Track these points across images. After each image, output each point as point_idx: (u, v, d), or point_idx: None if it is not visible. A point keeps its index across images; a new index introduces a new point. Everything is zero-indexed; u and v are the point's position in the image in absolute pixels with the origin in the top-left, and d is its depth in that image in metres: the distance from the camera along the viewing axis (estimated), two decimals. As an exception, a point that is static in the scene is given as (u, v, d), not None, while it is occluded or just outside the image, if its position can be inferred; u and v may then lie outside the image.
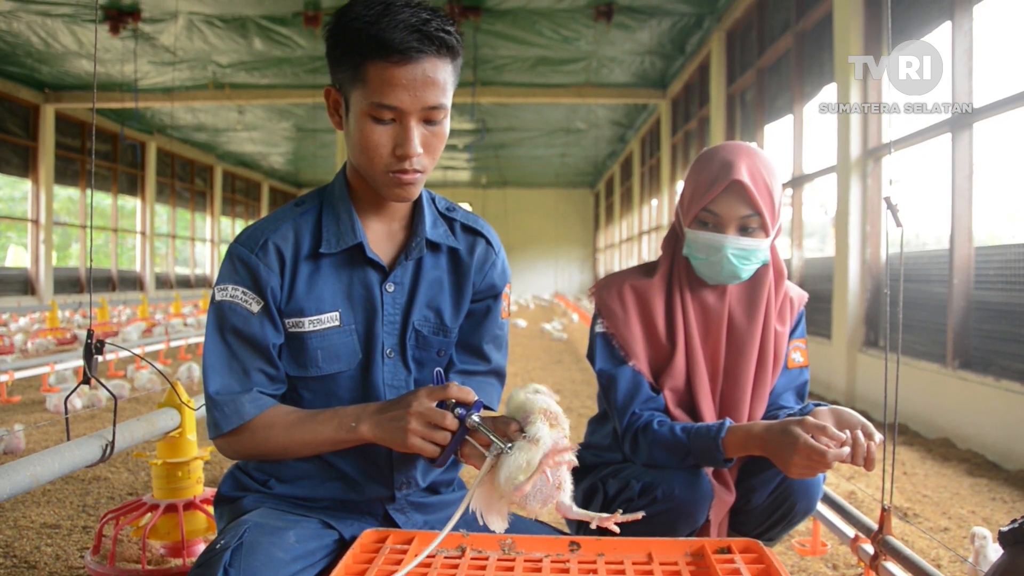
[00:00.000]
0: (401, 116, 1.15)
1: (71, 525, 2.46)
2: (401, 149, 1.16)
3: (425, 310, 1.32)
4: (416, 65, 1.12)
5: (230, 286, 1.23)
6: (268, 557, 1.08)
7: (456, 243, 1.34)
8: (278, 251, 1.24)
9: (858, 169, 5.22)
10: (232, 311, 1.22)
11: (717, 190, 1.46)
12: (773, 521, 1.55)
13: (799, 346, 1.65)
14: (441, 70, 1.15)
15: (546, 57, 10.53)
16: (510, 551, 1.16)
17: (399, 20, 1.10)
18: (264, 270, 1.22)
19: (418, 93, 1.13)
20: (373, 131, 1.16)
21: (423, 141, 1.18)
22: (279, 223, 1.26)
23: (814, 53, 6.38)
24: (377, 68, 1.12)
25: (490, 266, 1.37)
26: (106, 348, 1.61)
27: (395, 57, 1.10)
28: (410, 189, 1.22)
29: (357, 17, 1.12)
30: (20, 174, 12.63)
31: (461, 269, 1.35)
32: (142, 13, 8.95)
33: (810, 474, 1.30)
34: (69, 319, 9.95)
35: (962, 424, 3.91)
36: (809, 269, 6.66)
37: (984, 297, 4.00)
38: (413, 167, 1.18)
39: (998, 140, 4.31)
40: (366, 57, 1.12)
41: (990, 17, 4.13)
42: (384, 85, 1.12)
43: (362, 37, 1.12)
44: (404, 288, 1.30)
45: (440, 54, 1.14)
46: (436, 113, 1.17)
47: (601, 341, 1.57)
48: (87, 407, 4.36)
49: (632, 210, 16.12)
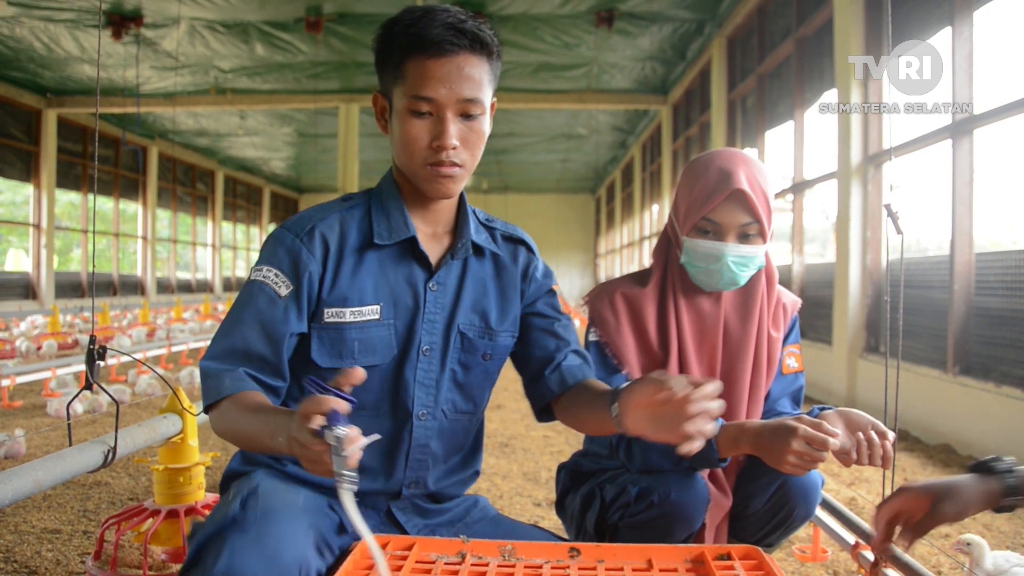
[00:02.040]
0: (438, 109, 1.19)
1: (72, 530, 2.46)
2: (438, 141, 1.19)
3: (470, 313, 1.34)
4: (451, 59, 1.18)
5: (265, 267, 1.24)
6: (284, 500, 1.07)
7: (498, 249, 1.39)
8: (323, 240, 1.26)
9: (859, 175, 5.23)
10: (261, 290, 1.23)
11: (718, 199, 1.46)
12: (772, 527, 1.55)
13: (793, 351, 1.66)
14: (476, 66, 1.21)
15: (547, 63, 10.55)
16: (510, 557, 1.17)
17: (437, 19, 1.18)
18: (306, 255, 1.24)
19: (453, 86, 1.18)
20: (412, 125, 1.20)
21: (460, 136, 1.21)
22: (327, 213, 1.29)
23: (815, 59, 6.40)
24: (415, 64, 1.18)
25: (533, 269, 1.43)
26: (108, 353, 1.61)
27: (431, 50, 1.17)
28: (449, 184, 1.24)
29: (399, 20, 1.21)
30: (22, 178, 12.65)
31: (505, 274, 1.39)
32: (144, 18, 8.98)
33: (801, 470, 1.30)
34: (71, 323, 9.96)
35: (963, 430, 3.91)
36: (810, 275, 6.67)
37: (985, 303, 4.00)
38: (451, 159, 1.21)
39: (999, 146, 4.31)
40: (406, 55, 1.19)
41: (990, 23, 4.14)
42: (421, 79, 1.18)
43: (402, 38, 1.19)
44: (448, 289, 1.32)
45: (475, 50, 1.20)
46: (472, 107, 1.21)
47: (594, 350, 1.58)
48: (88, 412, 4.36)
49: (633, 215, 16.12)
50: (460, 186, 1.28)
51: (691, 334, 1.57)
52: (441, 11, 1.20)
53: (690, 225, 1.51)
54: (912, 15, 4.73)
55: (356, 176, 12.95)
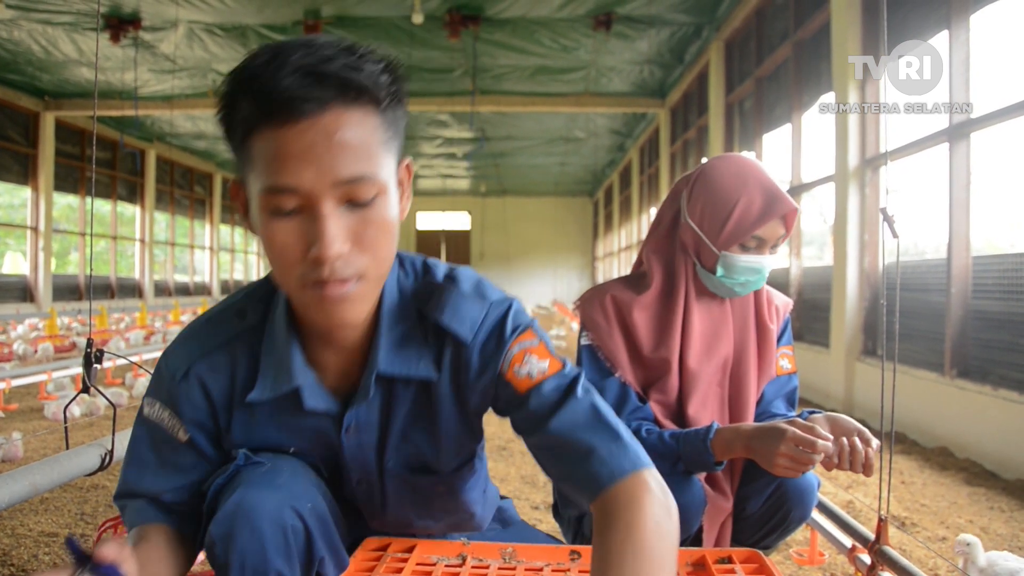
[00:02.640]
0: (307, 200, 0.82)
1: (69, 533, 2.46)
2: (315, 250, 0.82)
3: (401, 451, 1.10)
4: (313, 122, 0.80)
5: (158, 404, 1.05)
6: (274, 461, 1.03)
7: (423, 371, 1.03)
8: (203, 388, 1.03)
9: (856, 178, 5.24)
10: (157, 430, 1.05)
11: (770, 219, 1.47)
12: (769, 528, 1.56)
13: (787, 353, 1.67)
14: (357, 125, 0.82)
15: (545, 66, 10.56)
16: (511, 560, 1.17)
17: (287, 63, 0.79)
18: (185, 403, 1.03)
19: (323, 162, 0.80)
20: (276, 230, 0.84)
21: (350, 234, 0.85)
22: (211, 347, 1.03)
23: (812, 62, 6.41)
24: (263, 138, 0.81)
25: (467, 362, 1.03)
26: (105, 356, 1.61)
27: (281, 114, 0.79)
28: (342, 308, 0.88)
29: (241, 70, 0.83)
30: (20, 181, 12.64)
31: (436, 391, 1.06)
32: (143, 22, 8.98)
33: (794, 472, 1.31)
34: (68, 326, 9.94)
35: (960, 433, 3.91)
36: (807, 278, 6.67)
37: (982, 306, 4.01)
38: (338, 274, 0.85)
39: (996, 150, 4.32)
40: (250, 125, 0.82)
41: (987, 27, 4.15)
42: (274, 160, 0.81)
43: (242, 98, 0.82)
44: (369, 427, 1.07)
45: (350, 100, 0.82)
46: (360, 189, 0.83)
47: (587, 353, 1.58)
48: (86, 415, 4.36)
49: (631, 218, 16.13)
50: (365, 307, 0.92)
51: (701, 340, 1.57)
52: (299, 48, 0.81)
53: (736, 243, 1.49)
54: (909, 18, 4.74)
55: (354, 179, 12.93)
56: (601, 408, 1.00)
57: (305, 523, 1.01)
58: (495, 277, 8.54)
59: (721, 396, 1.59)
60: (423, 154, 17.75)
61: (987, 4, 4.06)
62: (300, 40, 0.83)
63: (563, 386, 1.01)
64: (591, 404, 1.00)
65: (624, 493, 0.91)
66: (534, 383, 1.00)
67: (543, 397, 1.00)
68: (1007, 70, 4.27)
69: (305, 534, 1.01)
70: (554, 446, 0.98)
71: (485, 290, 1.05)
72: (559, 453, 0.98)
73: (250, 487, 0.99)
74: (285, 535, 0.98)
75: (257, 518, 0.96)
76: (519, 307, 1.06)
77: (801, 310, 6.59)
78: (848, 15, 5.28)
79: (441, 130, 14.94)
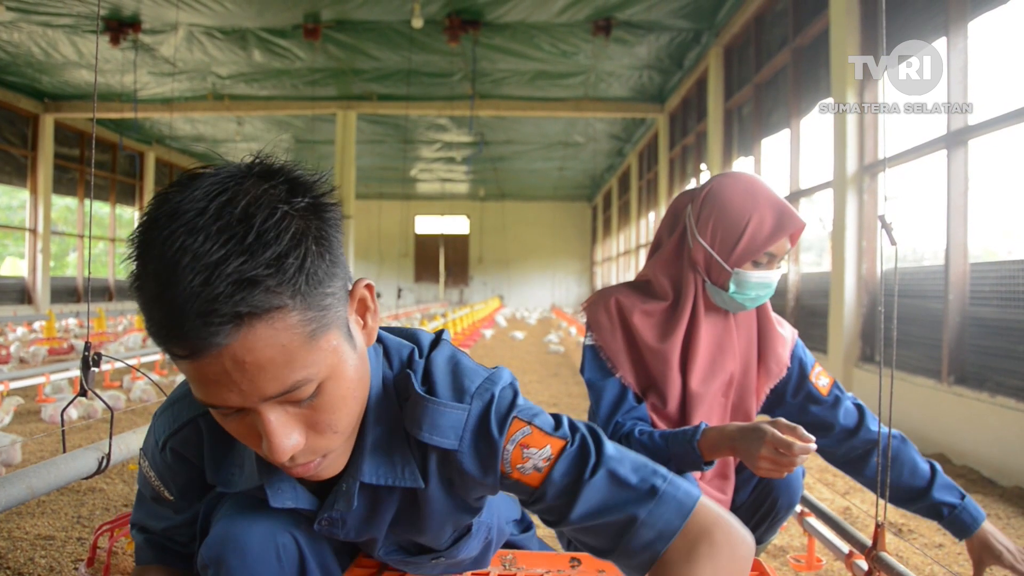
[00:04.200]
0: (245, 407, 0.77)
1: (65, 537, 2.45)
2: (265, 448, 0.79)
3: (390, 538, 1.07)
4: (219, 355, 0.71)
5: (146, 463, 1.06)
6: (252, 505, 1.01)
7: (408, 480, 0.96)
8: (182, 457, 1.02)
9: (854, 185, 5.25)
10: (148, 486, 1.08)
11: (782, 236, 1.50)
12: (758, 519, 1.59)
13: (819, 371, 1.69)
14: (266, 342, 0.72)
15: (545, 71, 10.59)
16: (511, 567, 1.17)
17: (176, 291, 0.69)
18: (167, 470, 1.03)
19: (243, 387, 0.74)
20: (226, 424, 0.81)
21: (302, 423, 0.80)
22: (179, 424, 1.00)
23: (811, 69, 6.43)
24: (177, 359, 0.74)
25: (464, 459, 0.94)
26: (102, 359, 1.61)
27: (183, 352, 0.72)
28: (318, 477, 0.88)
29: (135, 279, 0.74)
30: (18, 183, 12.64)
31: (424, 496, 1.00)
32: (143, 24, 9.00)
33: (776, 473, 1.32)
34: (66, 328, 9.93)
35: (958, 440, 3.92)
36: (806, 284, 6.68)
37: (979, 313, 4.02)
38: (298, 462, 0.83)
39: (994, 156, 4.33)
40: (160, 344, 0.74)
41: (985, 34, 4.16)
42: (195, 381, 0.75)
43: (145, 321, 0.74)
44: (354, 522, 1.01)
45: (254, 321, 0.71)
46: (295, 395, 0.77)
47: (589, 353, 1.61)
48: (83, 418, 4.35)
49: (629, 223, 16.15)
50: (340, 465, 0.90)
51: (706, 359, 1.59)
52: (188, 266, 0.69)
53: (748, 260, 1.52)
54: (908, 25, 4.75)
55: (353, 183, 12.97)
56: (620, 472, 0.92)
57: (296, 541, 1.01)
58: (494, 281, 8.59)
59: (724, 406, 1.62)
60: (422, 158, 17.77)
61: (985, 11, 4.08)
62: (186, 220, 0.70)
63: (573, 468, 0.92)
64: (608, 473, 0.92)
65: (679, 551, 0.86)
66: (543, 475, 0.93)
67: (558, 486, 0.92)
68: (1005, 77, 4.28)
69: (297, 552, 1.01)
70: (590, 528, 0.92)
71: (463, 382, 0.95)
72: (599, 533, 0.92)
73: (240, 510, 1.00)
74: (277, 553, 0.99)
75: (247, 541, 0.97)
76: (501, 388, 0.96)
77: (799, 316, 6.60)
78: (847, 21, 5.30)
79: (440, 134, 14.96)
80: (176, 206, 0.72)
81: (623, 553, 0.91)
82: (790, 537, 2.49)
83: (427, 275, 26.09)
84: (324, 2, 8.38)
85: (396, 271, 25.00)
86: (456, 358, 0.99)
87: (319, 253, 0.75)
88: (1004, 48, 4.30)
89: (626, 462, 0.93)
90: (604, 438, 0.96)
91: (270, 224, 0.71)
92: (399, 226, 24.66)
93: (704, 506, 0.90)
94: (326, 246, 0.76)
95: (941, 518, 1.57)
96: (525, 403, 0.97)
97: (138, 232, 0.74)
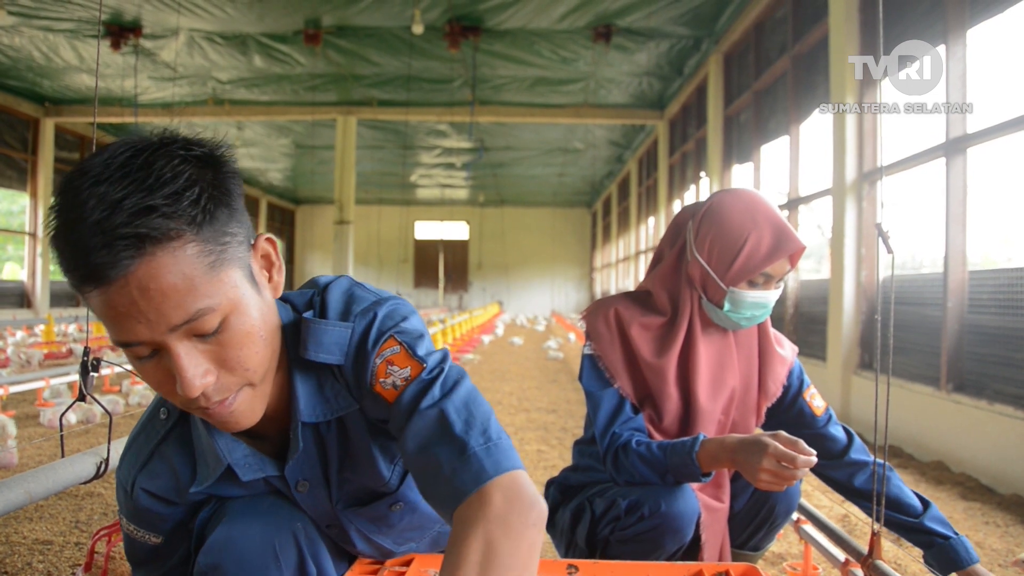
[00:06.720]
0: (156, 345, 0.80)
1: (63, 541, 2.45)
2: (178, 387, 0.81)
3: (344, 488, 1.09)
4: (125, 281, 0.75)
5: (124, 519, 1.08)
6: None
7: (343, 405, 1.01)
8: (153, 495, 1.03)
9: (853, 192, 5.25)
10: (134, 542, 1.08)
11: (778, 257, 1.48)
12: (756, 525, 1.59)
13: (813, 392, 1.70)
14: (168, 268, 0.76)
15: (545, 77, 10.61)
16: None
17: (83, 225, 0.73)
18: (143, 515, 1.05)
19: (149, 315, 0.76)
20: (143, 371, 0.83)
21: (212, 359, 0.82)
22: (144, 457, 1.03)
23: (810, 76, 6.45)
24: (89, 296, 0.77)
25: (348, 371, 0.99)
26: (101, 364, 1.61)
27: (93, 281, 0.75)
28: (234, 421, 0.89)
29: (49, 219, 0.78)
30: (18, 187, 12.65)
31: (348, 420, 1.05)
32: (143, 29, 9.02)
33: (777, 486, 1.32)
34: (64, 332, 9.92)
35: (956, 448, 3.91)
36: (805, 291, 6.68)
37: (978, 321, 4.02)
38: (213, 400, 0.84)
39: (992, 164, 4.34)
40: (74, 284, 0.78)
41: (984, 42, 4.18)
42: (106, 318, 0.78)
43: (59, 258, 0.78)
44: (317, 480, 1.06)
45: (154, 247, 0.75)
46: (200, 324, 0.79)
47: (588, 363, 1.61)
48: (82, 422, 4.34)
49: (629, 230, 16.16)
50: (258, 409, 0.91)
51: (709, 373, 1.59)
52: (88, 198, 0.74)
53: (744, 279, 1.51)
54: (907, 33, 4.77)
55: (353, 188, 12.97)
56: (451, 416, 0.91)
57: (296, 540, 1.02)
58: (493, 287, 8.60)
59: (724, 424, 1.62)
60: (422, 164, 17.79)
61: (983, 20, 4.09)
62: (93, 173, 0.75)
63: (418, 394, 0.94)
64: (440, 412, 0.92)
65: (462, 516, 0.84)
66: (398, 393, 0.95)
67: (402, 407, 0.94)
68: (1003, 85, 4.30)
69: (296, 551, 1.02)
70: (417, 468, 0.92)
71: (351, 306, 0.99)
72: (418, 473, 0.92)
73: (235, 516, 1.01)
74: (275, 554, 0.99)
75: (244, 546, 0.98)
76: (390, 309, 1.00)
77: (798, 323, 6.60)
78: (846, 28, 5.32)
79: (440, 140, 14.98)
80: (87, 166, 0.77)
81: (428, 497, 0.91)
82: (787, 545, 2.48)
83: (426, 281, 26.10)
84: (325, 8, 8.40)
85: (395, 276, 25.01)
86: (351, 290, 1.03)
87: (215, 197, 0.80)
88: (1002, 56, 4.32)
89: (463, 411, 0.92)
90: (465, 383, 0.96)
91: (167, 168, 0.77)
92: (398, 231, 24.68)
93: (505, 484, 0.85)
94: (223, 192, 0.82)
95: (931, 547, 1.54)
96: (411, 327, 0.99)
97: (56, 194, 0.78)
